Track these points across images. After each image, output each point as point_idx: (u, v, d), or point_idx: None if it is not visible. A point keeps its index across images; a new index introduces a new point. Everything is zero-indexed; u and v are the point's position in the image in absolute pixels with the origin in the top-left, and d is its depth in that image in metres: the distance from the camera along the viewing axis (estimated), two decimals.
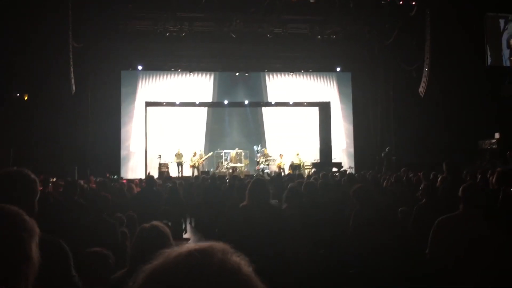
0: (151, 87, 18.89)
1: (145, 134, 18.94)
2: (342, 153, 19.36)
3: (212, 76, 19.36)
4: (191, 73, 18.82)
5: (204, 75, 19.29)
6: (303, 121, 20.65)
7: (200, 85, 19.24)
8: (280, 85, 19.67)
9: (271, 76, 19.69)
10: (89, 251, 2.91)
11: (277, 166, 18.10)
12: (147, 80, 18.86)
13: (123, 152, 18.21)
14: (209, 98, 19.44)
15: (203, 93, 19.27)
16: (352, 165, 18.44)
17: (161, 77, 19.00)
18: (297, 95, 19.73)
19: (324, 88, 19.96)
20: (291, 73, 19.40)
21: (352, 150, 19.42)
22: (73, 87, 14.31)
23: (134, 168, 18.25)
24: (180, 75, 19.02)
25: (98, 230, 4.07)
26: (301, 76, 19.72)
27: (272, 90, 19.70)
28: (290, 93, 19.64)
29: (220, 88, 19.44)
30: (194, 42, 16.87)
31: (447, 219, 3.38)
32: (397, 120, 17.70)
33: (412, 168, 11.07)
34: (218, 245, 0.90)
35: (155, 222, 2.34)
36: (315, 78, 19.93)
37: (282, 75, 19.65)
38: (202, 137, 19.97)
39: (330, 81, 19.95)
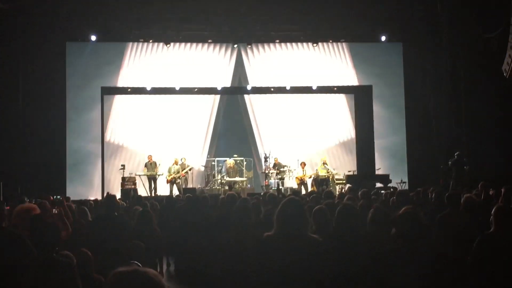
0: (109, 66, 18.90)
1: (101, 134, 18.96)
2: (389, 161, 19.31)
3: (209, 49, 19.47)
4: (167, 45, 18.83)
5: (194, 47, 19.40)
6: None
7: (186, 63, 19.34)
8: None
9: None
10: None
11: (297, 180, 18.07)
12: (104, 56, 18.87)
13: (70, 162, 18.24)
14: (201, 82, 19.55)
15: (190, 74, 19.36)
16: (405, 178, 18.37)
17: (124, 51, 19.01)
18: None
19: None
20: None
21: (404, 156, 19.35)
22: None
23: (86, 185, 18.26)
24: (154, 48, 19.03)
25: (42, 273, 4.03)
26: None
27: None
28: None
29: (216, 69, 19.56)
30: (173, 1, 16.89)
31: None
32: (471, 112, 17.60)
33: (494, 182, 10.98)
34: None
35: (135, 266, 2.24)
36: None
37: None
38: (194, 139, 20.06)
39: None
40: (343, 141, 20.60)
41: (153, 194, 17.51)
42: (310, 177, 18.26)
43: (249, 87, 19.86)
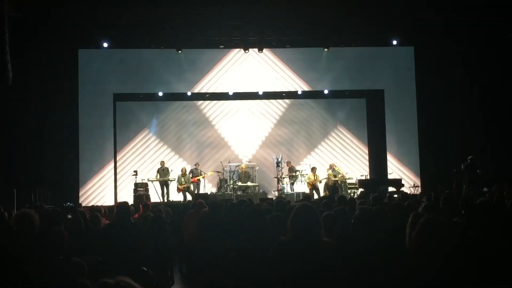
0: (122, 72, 18.96)
1: (113, 141, 19.06)
2: (402, 165, 19.23)
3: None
4: (180, 51, 18.91)
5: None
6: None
7: (198, 68, 19.51)
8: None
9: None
10: None
11: (309, 185, 18.05)
12: (116, 62, 18.95)
13: (82, 168, 18.34)
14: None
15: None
16: (418, 182, 18.28)
17: (137, 57, 19.07)
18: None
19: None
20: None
21: (416, 160, 19.24)
22: (10, 74, 14.41)
23: (99, 192, 18.37)
24: (166, 53, 19.11)
25: (48, 282, 4.04)
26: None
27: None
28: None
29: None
30: (184, 6, 16.92)
31: None
32: (486, 115, 17.48)
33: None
34: None
35: (122, 278, 2.19)
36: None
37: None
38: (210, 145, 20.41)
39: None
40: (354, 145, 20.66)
41: (165, 200, 17.57)
42: (321, 182, 18.27)
43: (260, 92, 19.87)
